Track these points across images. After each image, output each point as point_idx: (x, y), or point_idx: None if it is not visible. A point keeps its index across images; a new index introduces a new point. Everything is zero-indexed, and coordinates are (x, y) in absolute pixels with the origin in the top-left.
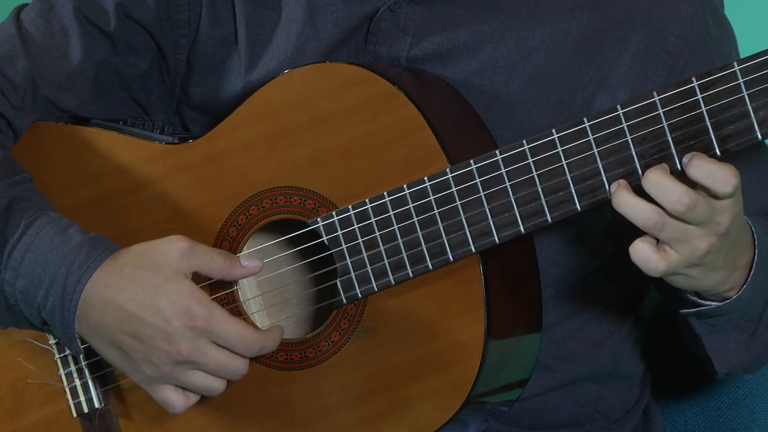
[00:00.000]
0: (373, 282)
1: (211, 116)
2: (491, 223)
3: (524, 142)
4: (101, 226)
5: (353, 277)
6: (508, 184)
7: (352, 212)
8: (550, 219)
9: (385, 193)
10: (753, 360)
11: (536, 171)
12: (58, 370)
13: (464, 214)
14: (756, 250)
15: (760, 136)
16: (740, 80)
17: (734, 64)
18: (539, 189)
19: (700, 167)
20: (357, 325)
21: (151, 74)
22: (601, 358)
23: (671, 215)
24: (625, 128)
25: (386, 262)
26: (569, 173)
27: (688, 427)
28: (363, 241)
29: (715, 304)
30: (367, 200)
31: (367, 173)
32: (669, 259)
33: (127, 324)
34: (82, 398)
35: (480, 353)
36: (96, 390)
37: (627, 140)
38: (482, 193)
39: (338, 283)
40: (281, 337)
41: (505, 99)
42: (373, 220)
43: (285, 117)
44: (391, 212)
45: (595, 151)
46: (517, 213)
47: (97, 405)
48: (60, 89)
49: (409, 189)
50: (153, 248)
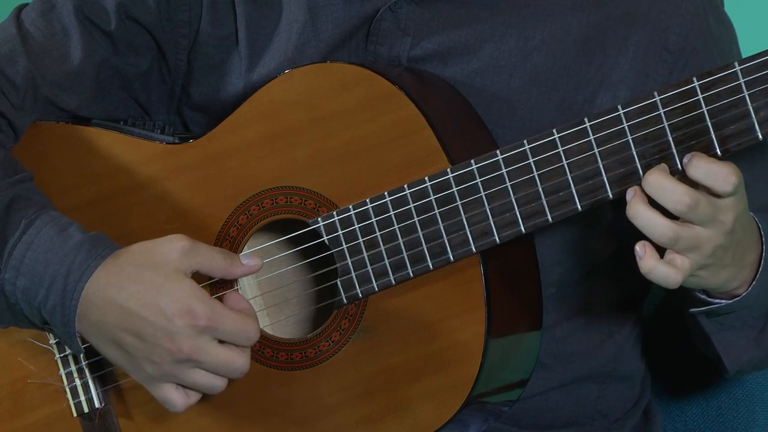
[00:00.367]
0: (374, 282)
1: (212, 116)
2: (492, 223)
3: (525, 142)
4: (102, 226)
5: (354, 276)
6: (508, 184)
7: (352, 212)
8: (550, 219)
9: (386, 193)
10: (763, 357)
11: (537, 171)
12: (59, 370)
13: (465, 214)
14: (763, 247)
15: (760, 136)
16: (741, 80)
17: (735, 64)
18: (540, 189)
19: (700, 167)
20: (357, 325)
21: (152, 74)
22: (601, 358)
23: (681, 224)
24: (626, 128)
25: (387, 261)
26: (570, 173)
27: (688, 427)
28: (363, 241)
29: (724, 302)
30: (367, 200)
31: (368, 173)
32: (684, 269)
33: (128, 322)
34: (83, 398)
35: (480, 353)
36: (96, 390)
37: (628, 140)
38: (483, 193)
39: (339, 283)
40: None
41: (506, 98)
42: (374, 219)
43: (285, 117)
44: (392, 212)
45: (596, 151)
46: (518, 213)
47: (97, 405)
48: (60, 89)
49: (409, 189)
50: (154, 247)
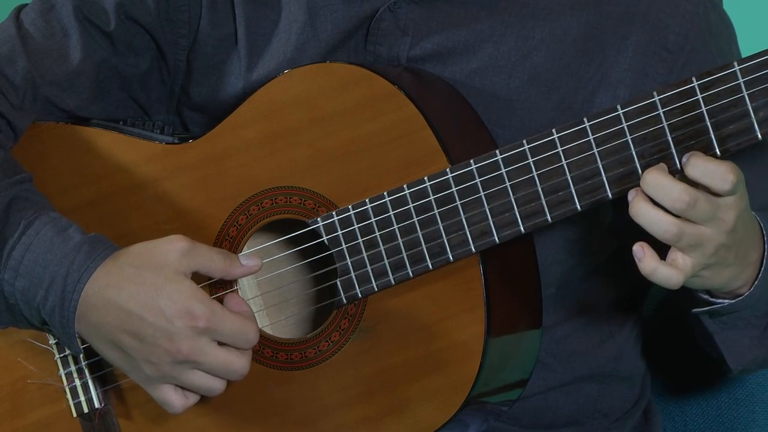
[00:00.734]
0: (373, 282)
1: (211, 116)
2: (491, 223)
3: (524, 142)
4: (101, 226)
5: (353, 276)
6: (508, 184)
7: (352, 212)
8: (550, 219)
9: (385, 193)
10: (766, 355)
11: (536, 171)
12: (58, 370)
13: (464, 214)
14: (766, 246)
15: (760, 136)
16: (740, 80)
17: (734, 64)
18: (539, 189)
19: (698, 166)
20: (357, 325)
21: (151, 74)
22: (601, 358)
23: (685, 223)
24: (625, 128)
25: (386, 261)
26: (569, 173)
27: (688, 427)
28: (363, 241)
29: (727, 301)
30: (367, 200)
31: (367, 173)
32: (685, 269)
33: (127, 323)
34: (82, 398)
35: (480, 353)
36: (96, 390)
37: (627, 140)
38: (482, 193)
39: (338, 283)
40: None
41: (506, 98)
42: (373, 220)
43: (285, 117)
44: (391, 212)
45: (595, 151)
46: (517, 213)
47: (97, 405)
48: (60, 89)
49: (409, 189)
50: (153, 248)
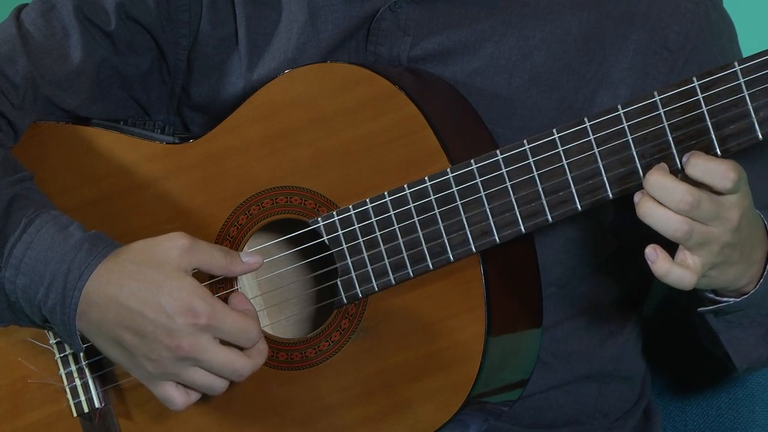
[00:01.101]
0: (374, 282)
1: (212, 116)
2: (492, 222)
3: (525, 141)
4: (102, 225)
5: (354, 276)
6: (508, 183)
7: (352, 212)
8: (550, 219)
9: (386, 193)
10: None
11: (537, 171)
12: (59, 370)
13: (465, 214)
14: None
15: (760, 136)
16: (741, 80)
17: (735, 64)
18: (540, 189)
19: (698, 165)
20: (357, 325)
21: (152, 74)
22: (602, 358)
23: (693, 221)
24: (626, 128)
25: (387, 261)
26: (570, 173)
27: (688, 427)
28: (363, 241)
29: (733, 300)
30: (367, 200)
31: (368, 173)
32: (696, 269)
33: (128, 320)
34: (83, 398)
35: (480, 353)
36: (96, 389)
37: (628, 140)
38: (483, 193)
39: (339, 283)
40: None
41: (507, 98)
42: (374, 219)
43: (286, 117)
44: (392, 212)
45: (596, 150)
46: (518, 213)
47: (97, 404)
48: (60, 89)
49: (409, 189)
50: (154, 245)
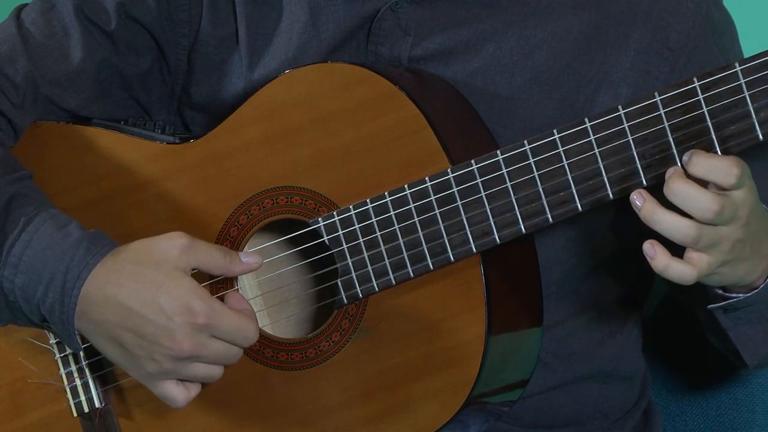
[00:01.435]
0: (374, 282)
1: (212, 116)
2: (492, 223)
3: (525, 142)
4: (102, 225)
5: (354, 276)
6: (509, 184)
7: (353, 212)
8: (551, 219)
9: (386, 193)
10: None
11: (537, 171)
12: (59, 370)
13: (465, 214)
14: None
15: (761, 137)
16: (741, 81)
17: (736, 65)
18: (540, 189)
19: (700, 163)
20: (358, 325)
21: (152, 74)
22: (602, 358)
23: (702, 224)
24: (627, 128)
25: (387, 261)
26: (570, 173)
27: (688, 427)
28: (364, 241)
29: (742, 295)
30: (368, 200)
31: (368, 173)
32: (700, 265)
33: (128, 321)
34: (83, 398)
35: (481, 353)
36: (96, 389)
37: (628, 140)
38: (483, 193)
39: (339, 283)
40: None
41: (508, 97)
42: (374, 220)
43: (286, 117)
44: (392, 212)
45: (597, 151)
46: (518, 213)
47: (97, 404)
48: (60, 88)
49: (410, 189)
50: (153, 245)
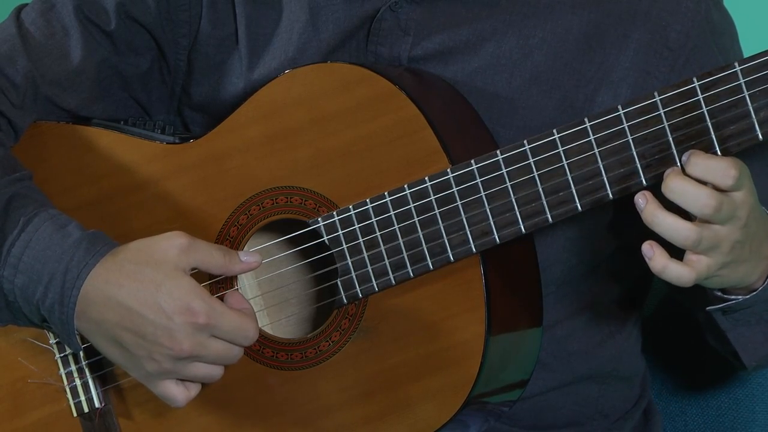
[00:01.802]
0: (374, 282)
1: (212, 116)
2: (492, 223)
3: (525, 142)
4: (102, 225)
5: (354, 276)
6: (508, 184)
7: (352, 212)
8: (550, 219)
9: (386, 193)
10: None
11: (537, 171)
12: (59, 370)
13: (465, 214)
14: None
15: (760, 137)
16: (741, 80)
17: (735, 65)
18: (540, 189)
19: (698, 164)
20: (357, 325)
21: (152, 74)
22: (601, 358)
23: (701, 224)
24: (626, 128)
25: (387, 261)
26: (570, 173)
27: (688, 427)
28: (364, 241)
29: (741, 297)
30: (367, 200)
31: (368, 173)
32: (698, 266)
33: (128, 321)
34: (83, 398)
35: (480, 353)
36: (96, 389)
37: (628, 140)
38: (483, 193)
39: (339, 283)
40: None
41: (507, 97)
42: (374, 219)
43: (286, 117)
44: (392, 212)
45: (596, 151)
46: (518, 213)
47: (97, 404)
48: (60, 88)
49: (409, 189)
50: (152, 244)
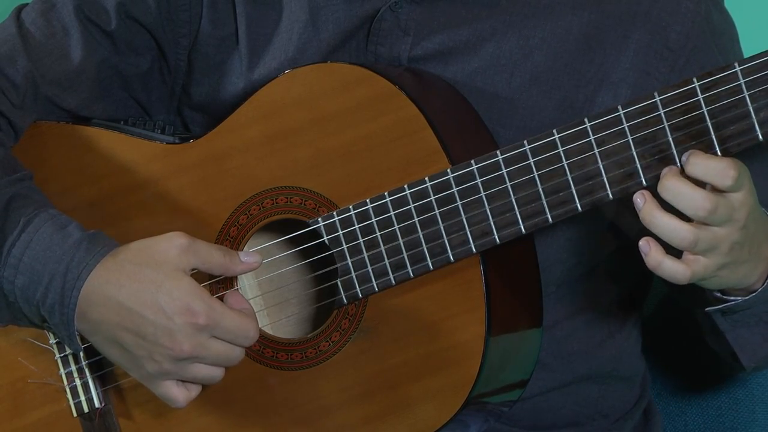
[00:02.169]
0: (374, 282)
1: (212, 116)
2: (492, 223)
3: (525, 142)
4: (102, 225)
5: (354, 276)
6: (508, 184)
7: (352, 212)
8: (550, 219)
9: (386, 193)
10: None
11: (537, 171)
12: (59, 370)
13: (465, 215)
14: None
15: (761, 137)
16: (741, 81)
17: (735, 65)
18: (540, 189)
19: (698, 164)
20: (357, 325)
21: (152, 74)
22: (601, 358)
23: (698, 226)
24: (626, 129)
25: (387, 262)
26: (570, 174)
27: (688, 427)
28: (364, 241)
29: (741, 298)
30: (367, 200)
31: (368, 173)
32: (695, 267)
33: (128, 321)
34: (83, 398)
35: (480, 353)
36: (96, 389)
37: (628, 141)
38: (483, 194)
39: (339, 283)
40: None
41: (507, 98)
42: (374, 220)
43: (286, 117)
44: (392, 212)
45: (596, 151)
46: (518, 213)
47: (97, 404)
48: (61, 88)
49: (409, 189)
50: (152, 245)
